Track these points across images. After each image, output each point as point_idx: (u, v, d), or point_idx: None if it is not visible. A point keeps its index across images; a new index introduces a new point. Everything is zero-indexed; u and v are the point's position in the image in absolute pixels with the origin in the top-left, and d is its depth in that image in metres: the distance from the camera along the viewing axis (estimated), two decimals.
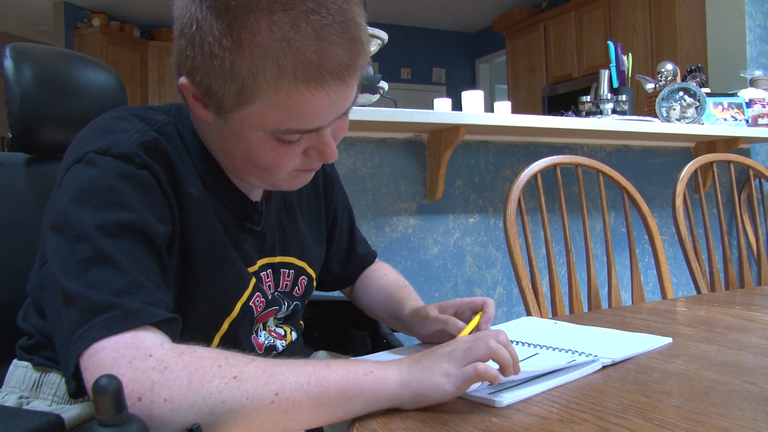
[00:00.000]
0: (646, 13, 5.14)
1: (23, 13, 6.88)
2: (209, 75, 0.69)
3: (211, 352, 0.64)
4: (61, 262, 0.66)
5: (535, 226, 2.54)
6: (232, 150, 0.78)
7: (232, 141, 0.76)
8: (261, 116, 0.71)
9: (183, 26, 0.70)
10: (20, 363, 0.87)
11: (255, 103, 0.70)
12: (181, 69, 0.73)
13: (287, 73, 0.67)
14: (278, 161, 0.75)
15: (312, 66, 0.67)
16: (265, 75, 0.67)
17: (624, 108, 2.81)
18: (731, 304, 1.27)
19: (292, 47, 0.66)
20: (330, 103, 0.71)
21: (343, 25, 0.68)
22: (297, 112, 0.70)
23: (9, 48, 1.01)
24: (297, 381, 0.64)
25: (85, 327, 0.62)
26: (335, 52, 0.68)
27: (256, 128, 0.72)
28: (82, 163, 0.72)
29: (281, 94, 0.68)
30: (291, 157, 0.76)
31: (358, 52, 0.70)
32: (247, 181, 0.84)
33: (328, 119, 0.73)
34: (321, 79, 0.68)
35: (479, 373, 0.67)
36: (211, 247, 0.80)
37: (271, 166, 0.76)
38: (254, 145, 0.74)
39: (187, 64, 0.71)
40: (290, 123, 0.71)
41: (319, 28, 0.66)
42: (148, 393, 0.59)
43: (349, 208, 1.12)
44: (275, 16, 0.65)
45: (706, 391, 0.71)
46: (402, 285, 1.09)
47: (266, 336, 0.93)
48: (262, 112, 0.70)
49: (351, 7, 0.70)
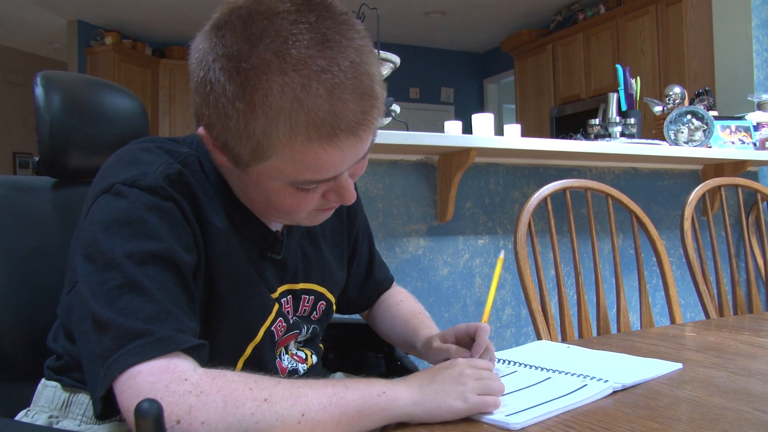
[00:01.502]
0: (654, 36, 5.18)
1: (38, 32, 6.98)
2: (225, 132, 0.71)
3: (241, 376, 0.67)
4: (92, 289, 0.69)
5: (545, 249, 2.56)
6: (251, 195, 0.81)
7: (252, 188, 0.79)
8: (277, 169, 0.73)
9: (197, 84, 0.72)
10: (49, 383, 0.89)
11: (270, 159, 0.72)
12: (199, 120, 0.75)
13: (300, 132, 0.68)
14: (297, 206, 0.78)
15: (324, 124, 0.68)
16: (279, 134, 0.69)
17: (632, 131, 2.83)
18: (740, 329, 1.28)
19: (304, 107, 0.67)
20: (344, 156, 0.72)
21: (355, 80, 0.69)
22: (312, 165, 0.72)
23: (40, 76, 1.04)
24: (320, 402, 0.68)
25: (119, 353, 0.64)
26: (348, 108, 0.69)
27: (273, 179, 0.75)
28: (110, 194, 0.74)
29: (295, 152, 0.70)
30: (309, 201, 0.78)
31: (371, 106, 0.71)
32: (268, 219, 0.87)
33: (344, 168, 0.75)
34: (334, 136, 0.69)
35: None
36: (234, 275, 0.83)
37: (290, 211, 0.79)
38: (273, 192, 0.77)
39: (204, 118, 0.73)
40: (306, 175, 0.73)
41: (330, 87, 0.67)
42: (186, 416, 0.61)
43: (369, 233, 1.14)
44: (287, 77, 0.67)
45: (716, 417, 0.73)
46: (417, 312, 1.11)
47: (289, 360, 0.96)
48: (278, 166, 0.72)
49: (363, 59, 0.70)
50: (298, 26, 0.67)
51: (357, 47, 0.70)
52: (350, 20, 0.72)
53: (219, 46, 0.69)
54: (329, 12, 0.70)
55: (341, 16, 0.71)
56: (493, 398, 0.74)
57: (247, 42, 0.67)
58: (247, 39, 0.67)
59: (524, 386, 0.86)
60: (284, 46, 0.67)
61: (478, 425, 0.72)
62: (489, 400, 0.74)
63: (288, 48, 0.67)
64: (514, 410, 0.74)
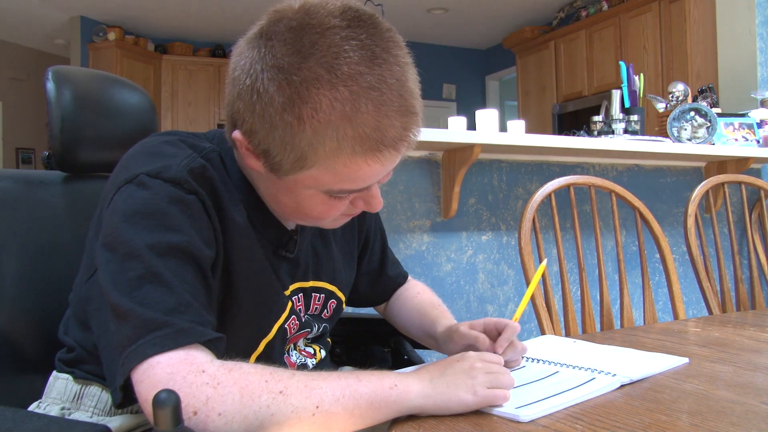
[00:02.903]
0: (657, 33, 5.18)
1: (40, 28, 6.98)
2: (267, 141, 0.73)
3: (257, 368, 0.68)
4: (112, 279, 0.70)
5: (548, 245, 2.56)
6: (282, 199, 0.82)
7: (283, 193, 0.80)
8: (316, 179, 0.75)
9: (241, 90, 0.73)
10: (60, 375, 0.90)
11: (311, 169, 0.74)
12: (236, 124, 0.76)
13: (346, 146, 0.70)
14: (327, 213, 0.81)
15: (370, 140, 0.70)
16: (324, 147, 0.71)
17: (635, 128, 2.84)
18: (743, 325, 1.29)
19: (352, 123, 0.69)
20: (383, 169, 0.75)
21: (400, 98, 0.71)
22: (351, 177, 0.74)
23: (51, 71, 1.05)
24: (334, 394, 0.69)
25: (138, 343, 0.65)
26: (392, 125, 0.71)
27: (309, 187, 0.77)
28: (133, 184, 0.75)
29: (338, 164, 0.72)
30: (339, 208, 0.81)
31: (412, 123, 0.73)
32: (289, 219, 0.88)
33: (378, 179, 0.78)
34: (377, 151, 0.72)
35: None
36: (251, 271, 0.84)
37: (319, 216, 0.82)
38: (305, 198, 0.79)
39: (244, 125, 0.74)
40: (343, 185, 0.76)
41: (378, 104, 0.69)
42: (203, 407, 0.62)
43: (382, 230, 1.16)
44: (337, 92, 0.68)
45: (724, 410, 0.73)
46: (436, 303, 1.12)
47: (297, 355, 0.97)
48: (318, 176, 0.74)
49: (407, 75, 0.73)
50: (350, 42, 0.69)
51: (402, 64, 0.72)
52: (395, 37, 0.74)
53: (269, 56, 0.70)
54: (377, 29, 0.72)
55: (387, 32, 0.73)
56: (503, 391, 0.75)
57: (299, 54, 0.68)
58: (299, 51, 0.68)
59: (533, 380, 0.86)
60: (336, 61, 0.68)
61: (487, 418, 0.73)
62: (499, 393, 0.75)
63: (339, 63, 0.68)
64: (523, 403, 0.75)
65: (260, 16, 0.76)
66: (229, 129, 0.78)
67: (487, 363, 0.79)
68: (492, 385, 0.75)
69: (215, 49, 7.25)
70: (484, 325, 0.96)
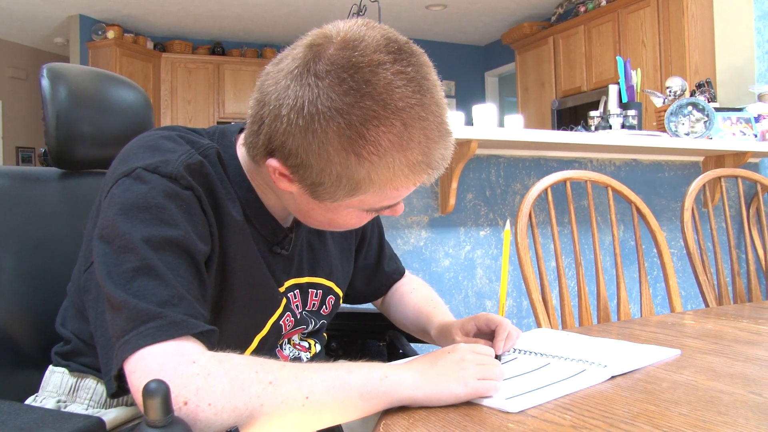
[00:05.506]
0: (655, 28, 5.17)
1: (39, 26, 6.99)
2: (322, 176, 0.74)
3: (247, 359, 0.69)
4: (108, 270, 0.71)
5: (545, 240, 2.57)
6: (312, 215, 0.84)
7: (320, 212, 0.82)
8: (363, 201, 0.78)
9: (291, 128, 0.72)
10: (56, 369, 0.91)
11: (362, 195, 0.76)
12: (276, 154, 0.76)
13: (399, 174, 0.74)
14: (357, 224, 0.85)
15: (420, 165, 0.74)
16: (379, 177, 0.74)
17: (633, 123, 2.84)
18: (739, 317, 1.30)
19: (406, 153, 0.72)
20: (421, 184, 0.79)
21: (441, 124, 0.75)
22: (395, 196, 0.78)
23: (46, 68, 1.05)
24: (324, 385, 0.70)
25: (131, 333, 0.66)
26: (437, 149, 0.75)
27: (353, 207, 0.80)
28: (130, 178, 0.76)
29: (388, 188, 0.76)
30: (369, 218, 0.84)
31: (450, 143, 0.77)
32: (307, 225, 0.90)
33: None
34: (425, 173, 0.76)
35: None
36: (246, 267, 0.85)
37: (348, 227, 0.85)
38: (343, 216, 0.82)
39: (292, 159, 0.74)
40: (384, 203, 0.80)
41: (426, 132, 0.73)
42: (193, 397, 0.63)
43: (380, 226, 1.16)
44: (392, 126, 0.71)
45: (712, 400, 0.74)
46: (430, 299, 1.13)
47: (291, 349, 0.98)
48: (366, 199, 0.77)
49: (440, 94, 0.76)
50: (399, 77, 0.71)
51: (437, 86, 0.76)
52: (427, 60, 0.77)
53: (323, 96, 0.70)
54: (415, 57, 0.74)
55: (422, 57, 0.76)
56: (493, 383, 0.76)
57: (355, 94, 0.70)
58: (355, 91, 0.70)
59: (524, 372, 0.87)
60: (390, 98, 0.70)
61: (477, 409, 0.74)
62: (489, 385, 0.75)
63: (395, 100, 0.70)
64: (513, 394, 0.76)
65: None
66: (263, 154, 0.78)
67: (477, 355, 0.80)
68: (482, 376, 0.76)
69: (214, 47, 7.26)
70: (476, 324, 0.97)
